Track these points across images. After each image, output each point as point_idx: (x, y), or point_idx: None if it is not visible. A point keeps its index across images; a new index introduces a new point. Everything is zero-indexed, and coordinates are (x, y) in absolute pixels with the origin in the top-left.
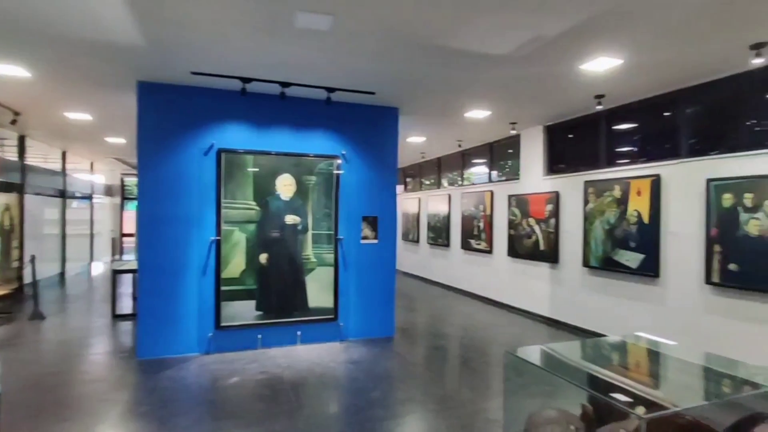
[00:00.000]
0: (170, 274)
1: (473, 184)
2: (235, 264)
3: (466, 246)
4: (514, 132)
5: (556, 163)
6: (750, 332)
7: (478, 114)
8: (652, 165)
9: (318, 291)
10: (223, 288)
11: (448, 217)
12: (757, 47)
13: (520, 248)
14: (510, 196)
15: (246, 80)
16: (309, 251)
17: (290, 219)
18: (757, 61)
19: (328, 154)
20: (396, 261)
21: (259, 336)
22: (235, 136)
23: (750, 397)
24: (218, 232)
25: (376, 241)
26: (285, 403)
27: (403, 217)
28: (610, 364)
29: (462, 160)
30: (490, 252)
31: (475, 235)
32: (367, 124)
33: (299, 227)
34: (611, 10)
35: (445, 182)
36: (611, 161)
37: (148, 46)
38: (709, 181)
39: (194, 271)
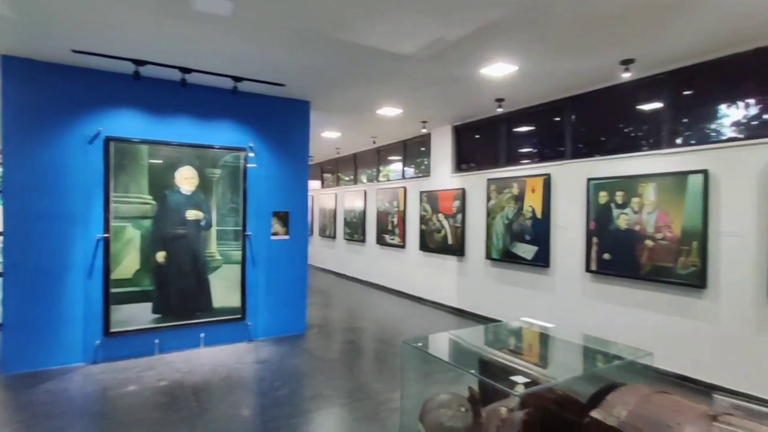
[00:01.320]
0: (48, 276)
1: (388, 180)
2: (128, 263)
3: (381, 241)
4: (425, 131)
5: (463, 162)
6: (618, 313)
7: (389, 111)
8: (544, 165)
9: (224, 290)
10: (113, 290)
11: (364, 213)
12: (625, 63)
13: (430, 242)
14: (422, 193)
15: (140, 63)
16: (213, 248)
17: (192, 214)
18: (626, 75)
19: (234, 147)
20: (308, 257)
21: (157, 341)
22: (127, 123)
23: (610, 369)
24: (107, 228)
25: (287, 237)
26: (184, 410)
27: (320, 212)
28: (497, 347)
29: (377, 156)
30: (403, 247)
31: (390, 230)
32: (278, 117)
33: (202, 223)
34: (505, 20)
35: (364, 178)
36: (511, 161)
37: (12, 15)
38: (589, 180)
39: (78, 273)
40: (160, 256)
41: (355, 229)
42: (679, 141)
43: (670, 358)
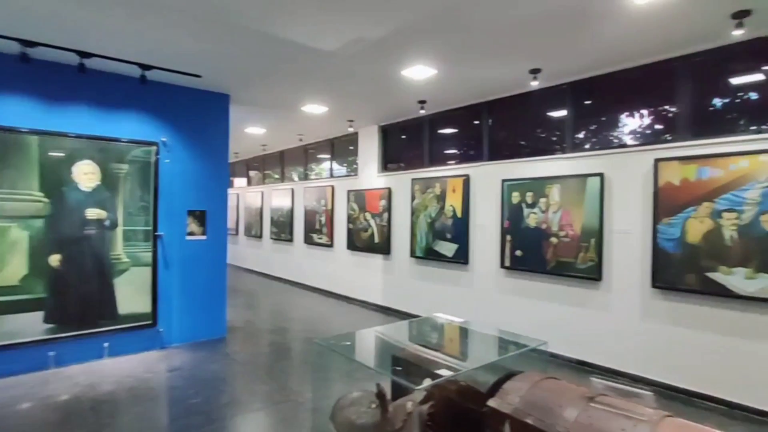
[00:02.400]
0: None
1: (316, 178)
2: (13, 268)
3: (308, 240)
4: (351, 129)
5: (389, 161)
6: (529, 305)
7: (315, 109)
8: (464, 166)
9: (132, 295)
10: None
11: (291, 212)
12: (534, 72)
13: (358, 241)
14: (349, 192)
15: (28, 43)
16: (119, 250)
17: (93, 213)
18: (534, 84)
19: (143, 140)
20: (227, 257)
21: (52, 353)
22: (13, 111)
23: (510, 359)
24: None
25: (204, 237)
26: (80, 427)
27: (246, 211)
28: (409, 342)
29: (305, 154)
30: (331, 246)
31: (317, 229)
32: (194, 110)
33: (106, 223)
34: (421, 23)
35: (295, 176)
36: (434, 161)
37: None
38: (503, 181)
39: None
40: (55, 259)
41: (283, 229)
42: (582, 146)
43: (573, 345)
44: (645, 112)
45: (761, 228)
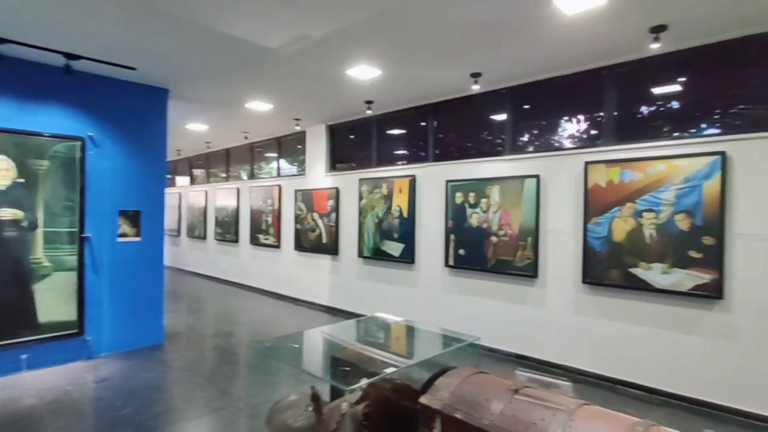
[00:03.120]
0: None
1: (262, 177)
2: None
3: (255, 241)
4: (298, 128)
5: (337, 161)
6: (471, 302)
7: (259, 106)
8: (410, 167)
9: (55, 302)
10: None
11: (237, 212)
12: (474, 76)
13: (305, 242)
14: (296, 191)
15: None
16: (40, 253)
17: (8, 213)
18: (476, 87)
19: (67, 135)
20: (165, 260)
21: None
22: None
23: (446, 355)
24: None
25: (138, 239)
26: None
27: (189, 211)
28: (349, 342)
29: (251, 153)
30: (278, 247)
31: (264, 229)
32: (128, 104)
33: (23, 223)
34: (364, 23)
35: (244, 175)
36: (381, 161)
37: None
38: (447, 182)
39: None
40: None
41: (228, 229)
42: (521, 149)
43: (512, 340)
44: (577, 117)
45: (676, 227)
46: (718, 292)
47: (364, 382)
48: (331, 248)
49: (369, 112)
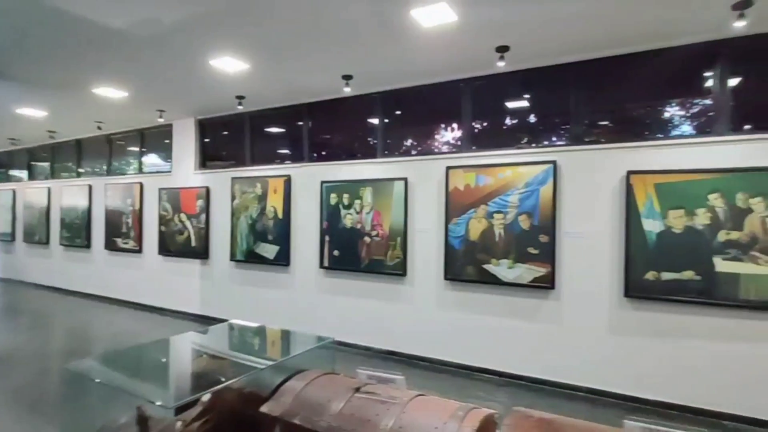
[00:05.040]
0: None
1: (122, 174)
2: None
3: (111, 246)
4: (162, 120)
5: (208, 158)
6: (346, 303)
7: (111, 93)
8: (285, 166)
9: None
10: None
11: (89, 213)
12: (346, 78)
13: (172, 245)
14: (161, 190)
15: None
16: None
17: None
18: (347, 90)
19: None
20: None
21: None
22: None
23: (302, 358)
24: None
25: None
26: None
27: (27, 211)
28: (194, 353)
29: (109, 146)
30: (140, 251)
31: (123, 233)
32: None
33: None
34: (223, 12)
35: (100, 170)
36: (255, 160)
37: None
38: (322, 183)
39: None
40: None
41: (78, 233)
42: (391, 152)
43: (385, 338)
44: (441, 125)
45: (519, 226)
46: (551, 283)
47: (200, 394)
48: (201, 252)
49: (240, 107)
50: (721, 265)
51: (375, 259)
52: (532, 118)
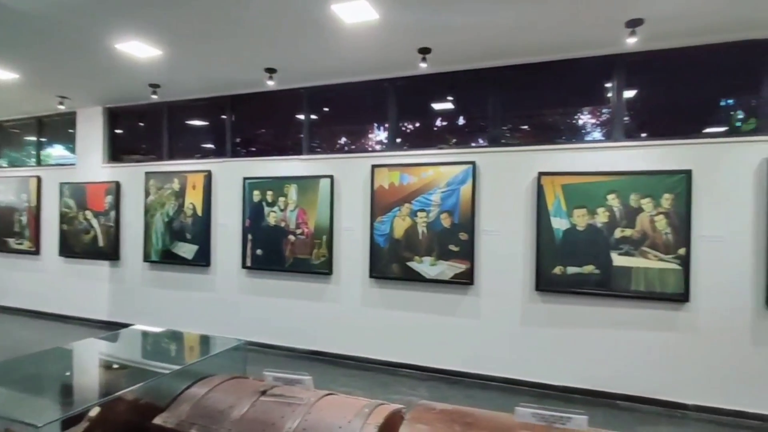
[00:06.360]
0: None
1: (15, 167)
2: None
3: (2, 247)
4: (64, 108)
5: (118, 151)
6: (271, 304)
7: None
8: (205, 161)
9: None
10: None
11: None
12: (269, 71)
13: (76, 246)
14: (63, 184)
15: None
16: None
17: None
18: (270, 83)
19: None
20: None
21: None
22: None
23: (205, 363)
24: None
25: None
26: None
27: None
28: (90, 363)
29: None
30: (37, 253)
31: (17, 232)
32: None
33: None
34: None
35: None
36: (173, 154)
37: None
38: (245, 179)
39: None
40: None
41: None
42: (317, 149)
43: (309, 338)
44: (366, 123)
45: (441, 224)
46: (471, 279)
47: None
48: (110, 253)
49: (154, 97)
50: (617, 259)
51: (300, 258)
52: (455, 120)
